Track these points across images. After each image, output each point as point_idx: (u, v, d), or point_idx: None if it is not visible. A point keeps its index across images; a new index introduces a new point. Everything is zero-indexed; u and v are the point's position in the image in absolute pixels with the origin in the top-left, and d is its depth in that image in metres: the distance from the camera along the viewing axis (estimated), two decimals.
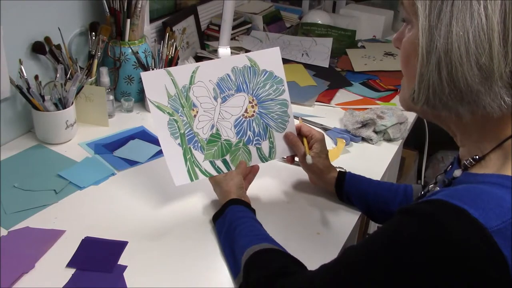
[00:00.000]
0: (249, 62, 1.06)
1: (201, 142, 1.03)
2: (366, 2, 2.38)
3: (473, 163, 0.67)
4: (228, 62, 1.05)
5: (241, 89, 1.06)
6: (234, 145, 1.05)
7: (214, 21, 1.90)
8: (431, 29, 0.61)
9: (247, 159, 1.07)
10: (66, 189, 1.09)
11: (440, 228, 0.56)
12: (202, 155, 1.03)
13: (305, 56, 1.85)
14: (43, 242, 0.94)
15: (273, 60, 1.07)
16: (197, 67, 1.03)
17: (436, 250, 0.56)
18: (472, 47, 0.58)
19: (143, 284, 0.87)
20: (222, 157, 1.05)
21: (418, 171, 2.39)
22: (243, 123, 1.06)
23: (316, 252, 0.96)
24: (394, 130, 1.35)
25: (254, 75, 1.06)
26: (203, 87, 1.03)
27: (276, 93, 1.08)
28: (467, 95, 0.61)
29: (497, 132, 0.65)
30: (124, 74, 1.44)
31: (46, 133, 1.25)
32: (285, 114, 1.09)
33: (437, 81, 0.62)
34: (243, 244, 0.86)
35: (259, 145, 1.08)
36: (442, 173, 0.81)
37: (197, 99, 1.03)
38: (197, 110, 1.03)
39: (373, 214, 1.07)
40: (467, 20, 0.58)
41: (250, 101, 1.06)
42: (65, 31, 1.31)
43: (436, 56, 0.61)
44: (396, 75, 1.73)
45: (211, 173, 1.04)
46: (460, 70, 0.59)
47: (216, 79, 1.04)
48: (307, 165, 1.07)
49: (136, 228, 1.00)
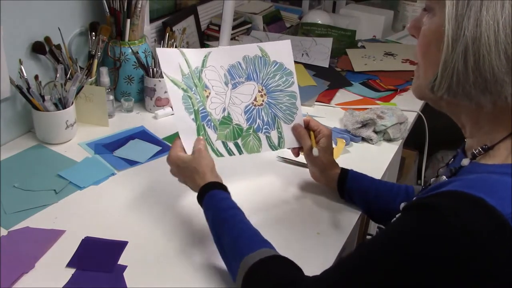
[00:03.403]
0: (260, 52, 1.07)
1: (214, 122, 1.03)
2: (366, 2, 2.38)
3: (482, 152, 0.68)
4: (239, 51, 1.06)
5: (251, 77, 1.06)
6: (245, 130, 1.06)
7: (214, 21, 1.90)
8: (459, 17, 0.61)
9: (257, 146, 1.08)
10: (66, 189, 1.09)
11: (460, 219, 0.57)
12: (215, 134, 1.03)
13: (305, 56, 1.85)
14: (43, 242, 0.94)
15: (283, 52, 1.08)
16: (209, 52, 1.04)
17: (458, 242, 0.57)
18: (502, 36, 0.59)
19: (143, 284, 0.87)
20: (234, 140, 1.05)
21: (418, 171, 2.39)
22: (253, 111, 1.07)
23: (316, 252, 0.96)
24: (394, 130, 1.35)
25: (264, 65, 1.07)
26: (215, 71, 1.03)
27: (285, 85, 1.09)
28: (491, 85, 0.62)
29: (508, 122, 0.66)
30: (124, 74, 1.44)
31: (46, 133, 1.25)
32: (293, 106, 1.09)
33: (463, 69, 0.62)
34: (238, 251, 0.82)
35: (268, 133, 1.08)
36: (444, 166, 0.81)
37: (209, 82, 1.03)
38: (209, 92, 1.03)
39: (373, 212, 1.07)
40: (498, 9, 0.59)
41: (260, 90, 1.07)
42: (65, 31, 1.31)
43: (463, 44, 0.61)
44: (396, 75, 1.73)
45: (222, 153, 1.04)
46: (488, 59, 0.60)
47: (227, 66, 1.05)
48: (311, 159, 1.08)
49: (136, 228, 1.00)
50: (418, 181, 2.39)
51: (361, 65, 1.81)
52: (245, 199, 1.10)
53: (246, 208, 1.08)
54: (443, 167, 0.81)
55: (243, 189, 1.12)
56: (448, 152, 2.40)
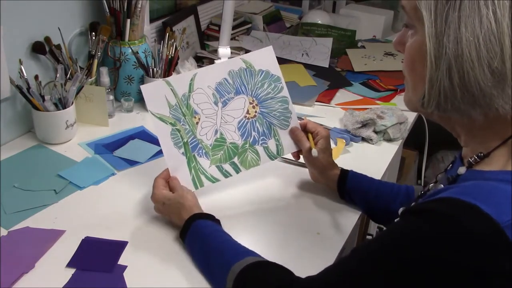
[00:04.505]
0: (244, 64, 1.06)
1: (206, 148, 1.03)
2: (366, 2, 2.38)
3: (477, 160, 0.68)
4: (224, 66, 1.06)
5: (240, 91, 1.06)
6: (241, 147, 1.05)
7: (214, 21, 1.90)
8: (438, 35, 0.61)
9: (256, 159, 1.07)
10: (66, 189, 1.09)
11: (454, 225, 0.57)
12: (208, 161, 1.03)
13: (305, 56, 1.85)
14: (43, 242, 0.94)
15: (267, 59, 1.08)
16: (195, 74, 1.03)
17: (451, 247, 0.57)
18: (483, 51, 0.59)
19: (143, 284, 0.87)
20: (230, 160, 1.05)
21: (418, 171, 2.39)
22: (247, 125, 1.06)
23: (316, 252, 0.96)
24: (394, 130, 1.35)
25: (251, 76, 1.07)
26: (203, 93, 1.03)
27: (275, 91, 1.08)
28: (479, 99, 0.61)
29: (502, 130, 0.66)
30: (124, 74, 1.44)
31: (46, 133, 1.25)
32: (287, 111, 1.09)
33: (449, 86, 0.62)
34: (225, 262, 0.82)
35: (266, 144, 1.08)
36: (443, 172, 0.81)
37: (198, 106, 1.03)
38: (199, 117, 1.03)
39: (373, 213, 1.07)
40: (476, 25, 0.58)
41: (251, 102, 1.07)
42: (65, 31, 1.31)
43: (446, 62, 0.61)
44: (396, 75, 1.73)
45: (218, 178, 1.04)
46: (473, 75, 0.60)
47: (214, 84, 1.04)
48: (310, 161, 1.08)
49: (136, 228, 1.00)
50: (418, 181, 2.39)
51: (361, 65, 1.81)
52: (245, 200, 1.10)
53: (246, 209, 1.08)
54: (442, 173, 0.81)
55: (243, 190, 1.12)
56: (448, 152, 2.40)
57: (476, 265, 0.56)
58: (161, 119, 1.00)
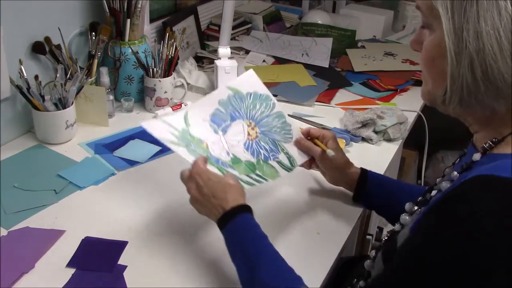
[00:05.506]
0: (231, 91, 1.06)
1: (228, 162, 0.99)
2: (366, 2, 2.38)
3: (492, 146, 0.68)
4: (213, 98, 1.05)
5: (235, 117, 1.06)
6: (256, 163, 1.03)
7: (214, 21, 1.90)
8: (457, 31, 0.62)
9: (275, 172, 1.03)
10: (66, 189, 1.09)
11: (492, 206, 0.57)
12: (236, 171, 0.98)
13: (305, 56, 1.85)
14: (43, 242, 0.94)
15: (252, 81, 1.08)
16: (186, 112, 1.02)
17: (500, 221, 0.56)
18: (505, 44, 0.60)
19: (143, 284, 0.87)
20: (253, 172, 1.01)
21: (418, 171, 2.39)
22: (252, 145, 1.05)
23: (316, 252, 0.96)
24: (394, 130, 1.35)
25: (241, 100, 1.07)
26: (200, 125, 1.01)
27: (268, 109, 1.08)
28: (504, 91, 0.62)
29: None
30: (124, 74, 1.44)
31: (46, 133, 1.25)
32: (286, 124, 1.09)
33: (472, 81, 0.63)
34: (277, 283, 0.76)
35: (277, 158, 1.05)
36: (450, 166, 0.81)
37: (201, 135, 1.00)
38: (206, 143, 1.00)
39: (390, 214, 1.04)
40: (496, 18, 0.59)
41: (248, 124, 1.06)
42: (65, 31, 1.31)
43: (467, 57, 0.62)
44: (396, 75, 1.74)
45: (252, 183, 0.98)
46: (496, 67, 0.61)
47: (208, 117, 1.03)
48: (327, 164, 1.06)
49: (136, 228, 1.00)
50: (418, 181, 2.39)
51: (361, 65, 1.81)
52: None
53: None
54: (449, 167, 0.81)
55: None
56: (448, 152, 2.40)
57: None
58: (173, 143, 0.95)
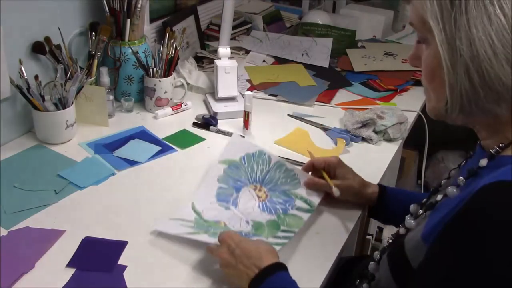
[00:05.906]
0: (226, 164, 1.08)
1: (251, 232, 0.97)
2: (366, 2, 2.38)
3: (499, 151, 0.68)
4: (211, 179, 1.06)
5: (239, 187, 1.07)
6: (277, 218, 1.01)
7: (214, 21, 1.90)
8: (450, 40, 0.62)
9: (299, 220, 1.01)
10: (66, 189, 1.09)
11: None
12: (262, 237, 0.96)
13: (305, 56, 1.85)
14: (43, 242, 0.94)
15: (240, 145, 1.10)
16: (192, 202, 1.03)
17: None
18: (499, 47, 0.60)
19: (143, 284, 0.87)
20: (278, 229, 0.99)
21: (418, 171, 2.38)
22: (267, 205, 1.04)
23: (316, 252, 0.96)
24: (394, 130, 1.35)
25: (237, 169, 1.08)
26: (209, 209, 1.01)
27: (266, 164, 1.09)
28: (504, 94, 0.62)
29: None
30: (124, 74, 1.44)
31: (46, 133, 1.25)
32: (289, 171, 1.09)
33: (469, 87, 0.63)
34: None
35: (295, 206, 1.04)
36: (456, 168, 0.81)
37: (215, 217, 1.00)
38: (223, 222, 0.99)
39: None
40: (486, 24, 0.59)
41: (254, 188, 1.07)
42: (65, 31, 1.31)
43: (462, 65, 0.62)
44: (396, 75, 1.74)
45: (281, 243, 0.94)
46: (492, 72, 0.61)
47: (213, 198, 1.04)
48: (343, 192, 1.03)
49: (136, 228, 1.00)
50: (418, 181, 2.39)
51: (361, 65, 1.81)
52: None
53: None
54: (455, 169, 0.81)
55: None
56: (448, 152, 2.40)
57: None
58: (192, 234, 0.94)
